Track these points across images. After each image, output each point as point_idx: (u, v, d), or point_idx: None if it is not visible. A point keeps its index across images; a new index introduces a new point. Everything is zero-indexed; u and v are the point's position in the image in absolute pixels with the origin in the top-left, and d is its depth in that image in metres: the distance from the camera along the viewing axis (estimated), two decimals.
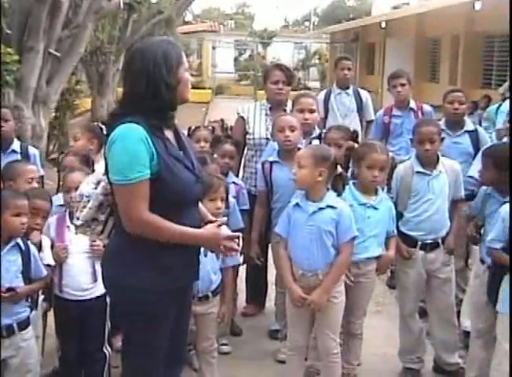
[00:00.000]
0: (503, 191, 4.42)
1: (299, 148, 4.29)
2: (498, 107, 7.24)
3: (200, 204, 3.48)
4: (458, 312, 5.49)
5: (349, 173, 4.68)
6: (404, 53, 24.16)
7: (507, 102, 7.02)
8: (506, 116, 6.34)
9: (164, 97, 3.13)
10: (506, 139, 5.54)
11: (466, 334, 5.10)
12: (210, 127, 5.76)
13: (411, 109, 6.77)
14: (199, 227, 3.33)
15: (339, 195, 4.29)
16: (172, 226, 3.12)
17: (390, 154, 4.83)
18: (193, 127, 5.62)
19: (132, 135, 3.05)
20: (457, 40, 20.23)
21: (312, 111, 5.32)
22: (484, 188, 4.70)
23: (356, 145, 4.89)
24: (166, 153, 3.13)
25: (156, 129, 3.14)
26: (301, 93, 5.61)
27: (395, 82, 6.73)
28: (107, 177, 3.16)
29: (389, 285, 6.60)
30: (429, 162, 4.79)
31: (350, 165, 4.71)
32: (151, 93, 3.10)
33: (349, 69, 7.47)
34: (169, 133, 3.26)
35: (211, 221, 3.36)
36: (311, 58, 42.03)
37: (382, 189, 4.65)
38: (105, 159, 3.15)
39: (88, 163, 4.82)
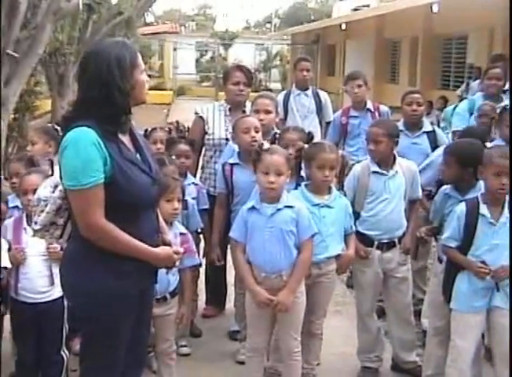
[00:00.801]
0: (463, 189, 4.45)
1: (260, 147, 4.25)
2: (454, 108, 7.33)
3: (160, 217, 3.48)
4: (418, 312, 5.55)
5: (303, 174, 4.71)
6: (364, 55, 24.37)
7: (463, 103, 7.09)
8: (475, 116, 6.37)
9: (117, 102, 3.10)
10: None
11: (426, 333, 5.15)
12: (167, 129, 5.73)
13: (368, 110, 6.82)
14: (157, 231, 3.34)
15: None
16: (127, 239, 3.12)
17: (341, 152, 4.85)
18: (150, 129, 5.58)
19: (84, 139, 3.02)
20: (416, 42, 20.46)
21: (268, 112, 5.32)
22: (443, 188, 4.73)
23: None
24: (120, 157, 3.11)
25: (110, 133, 3.11)
26: (259, 94, 5.61)
27: (352, 84, 6.77)
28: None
29: (348, 285, 6.63)
30: (381, 161, 4.82)
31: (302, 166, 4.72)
32: (104, 97, 3.07)
33: (307, 70, 7.48)
34: (124, 137, 3.24)
35: (168, 244, 3.40)
36: (272, 59, 42.14)
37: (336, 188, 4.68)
38: (58, 164, 3.13)
39: (34, 166, 4.74)
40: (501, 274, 4.11)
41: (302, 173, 4.74)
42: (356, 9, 27.11)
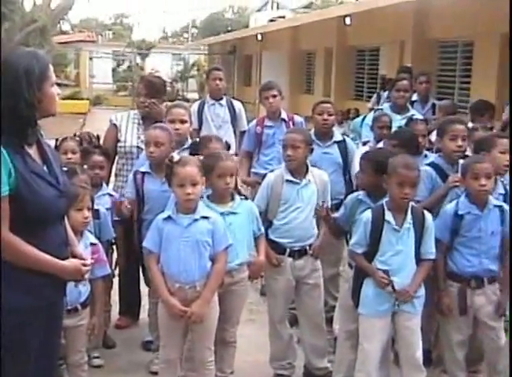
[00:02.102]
0: (377, 196, 4.53)
1: (171, 161, 4.22)
2: (363, 119, 7.46)
3: (69, 229, 3.44)
4: (330, 319, 5.62)
5: None
6: (280, 66, 24.63)
7: (371, 114, 7.21)
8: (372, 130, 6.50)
9: (23, 114, 3.05)
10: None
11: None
12: (78, 138, 5.66)
13: (283, 120, 6.85)
14: (65, 243, 3.29)
15: None
16: (33, 252, 3.08)
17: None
18: (60, 139, 5.50)
19: None
20: (330, 53, 20.79)
21: (183, 122, 5.33)
22: (355, 194, 4.79)
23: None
24: (25, 169, 3.06)
25: (15, 145, 3.06)
26: (173, 104, 5.62)
27: (266, 94, 6.80)
28: None
29: (262, 293, 6.65)
30: (295, 169, 4.88)
31: None
32: (10, 109, 3.02)
33: (220, 79, 7.49)
34: (30, 149, 3.19)
35: (77, 257, 3.36)
36: (189, 69, 42.12)
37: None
38: None
39: None
40: (403, 296, 4.25)
41: None
42: (272, 20, 27.42)
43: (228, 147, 5.07)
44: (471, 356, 4.77)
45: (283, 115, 6.89)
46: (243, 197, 4.65)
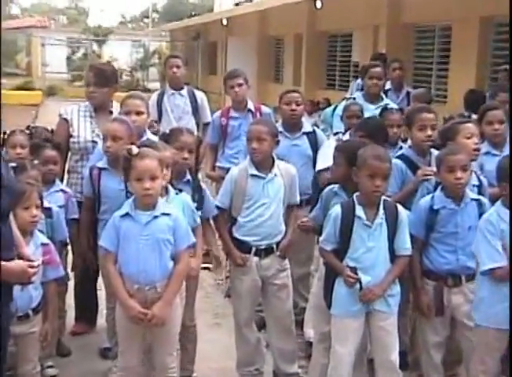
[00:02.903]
0: (350, 189, 4.54)
1: (129, 153, 4.18)
2: (334, 109, 7.47)
3: (15, 229, 3.41)
4: (301, 322, 5.64)
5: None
6: (247, 52, 24.57)
7: (342, 104, 7.20)
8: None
9: None
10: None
11: (309, 344, 5.25)
12: (28, 132, 5.61)
13: (250, 111, 6.86)
14: (11, 244, 3.27)
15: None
16: None
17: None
18: (8, 132, 5.45)
19: None
20: (300, 39, 20.76)
21: (139, 113, 5.30)
22: (329, 187, 4.79)
23: None
24: None
25: None
26: (129, 94, 5.57)
27: (232, 82, 6.79)
28: None
29: (228, 295, 6.64)
30: (260, 163, 4.89)
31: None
32: None
33: (177, 67, 7.46)
34: None
35: (24, 258, 3.34)
36: (150, 57, 41.91)
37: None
38: None
39: None
40: (368, 296, 4.26)
41: None
42: (237, 4, 27.36)
43: (201, 141, 5.06)
44: (449, 358, 4.80)
45: (250, 105, 6.89)
46: (177, 191, 4.60)
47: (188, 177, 4.86)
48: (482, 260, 4.22)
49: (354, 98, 7.27)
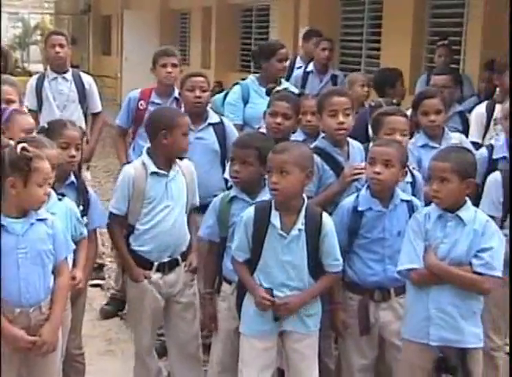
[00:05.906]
0: (255, 191, 4.59)
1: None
2: (224, 97, 7.24)
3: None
4: (209, 346, 5.61)
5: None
6: (147, 29, 24.34)
7: (236, 89, 7.07)
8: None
9: None
10: None
11: None
12: None
13: (176, 99, 6.70)
14: None
15: None
16: None
17: None
18: None
19: None
20: (209, 14, 20.68)
21: (8, 102, 5.24)
22: (221, 195, 4.82)
23: None
24: None
25: None
26: None
27: (165, 60, 6.65)
28: None
29: (123, 317, 6.59)
30: (160, 160, 4.87)
31: None
32: None
33: (60, 46, 7.42)
34: None
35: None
36: (31, 34, 41.34)
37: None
38: None
39: None
40: (280, 309, 4.27)
41: None
42: None
43: (83, 134, 5.03)
44: None
45: (176, 93, 6.73)
46: (60, 196, 4.54)
47: (72, 178, 4.78)
48: (400, 259, 4.30)
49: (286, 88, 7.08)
